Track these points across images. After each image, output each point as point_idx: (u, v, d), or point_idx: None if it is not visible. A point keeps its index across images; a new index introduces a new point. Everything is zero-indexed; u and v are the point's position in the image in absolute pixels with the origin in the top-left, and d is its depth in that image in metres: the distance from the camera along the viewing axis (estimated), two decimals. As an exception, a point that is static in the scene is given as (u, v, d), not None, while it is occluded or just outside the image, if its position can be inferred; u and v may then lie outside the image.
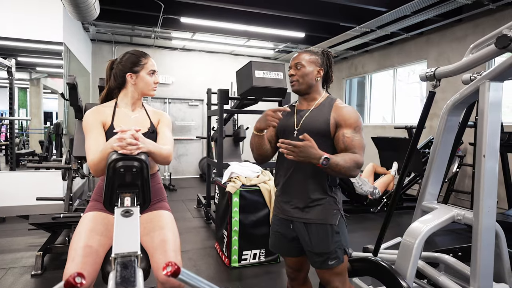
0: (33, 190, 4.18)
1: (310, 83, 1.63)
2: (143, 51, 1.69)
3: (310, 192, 1.58)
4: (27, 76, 5.58)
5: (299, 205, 1.61)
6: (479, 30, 5.25)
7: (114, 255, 0.98)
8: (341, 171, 1.44)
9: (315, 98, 1.67)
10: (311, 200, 1.58)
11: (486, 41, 1.57)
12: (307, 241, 1.58)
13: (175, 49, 8.11)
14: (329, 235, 1.56)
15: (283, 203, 1.67)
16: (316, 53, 1.66)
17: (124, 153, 1.26)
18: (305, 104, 1.69)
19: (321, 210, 1.57)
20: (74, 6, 3.96)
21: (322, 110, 1.61)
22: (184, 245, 3.50)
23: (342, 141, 1.53)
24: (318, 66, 1.64)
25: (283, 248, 1.72)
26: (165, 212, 1.65)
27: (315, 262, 1.60)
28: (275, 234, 1.73)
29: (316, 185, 1.58)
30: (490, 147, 1.50)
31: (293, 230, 1.64)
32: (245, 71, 3.45)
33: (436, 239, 3.81)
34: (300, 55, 1.65)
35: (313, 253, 1.58)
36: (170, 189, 6.61)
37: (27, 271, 2.84)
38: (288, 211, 1.64)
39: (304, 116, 1.64)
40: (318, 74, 1.64)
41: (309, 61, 1.62)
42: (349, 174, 1.48)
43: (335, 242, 1.56)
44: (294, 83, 1.65)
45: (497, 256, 1.67)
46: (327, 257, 1.55)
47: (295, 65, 1.64)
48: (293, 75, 1.64)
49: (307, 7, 5.30)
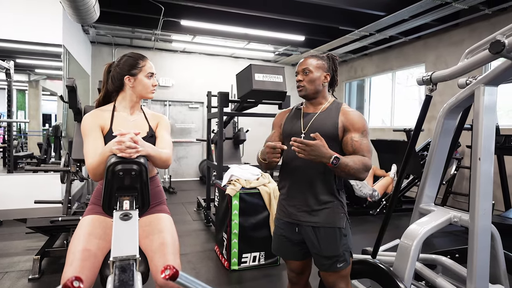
0: (31, 193, 4.18)
1: (317, 88, 1.64)
2: (141, 54, 1.68)
3: (317, 195, 1.58)
4: (26, 78, 5.59)
5: (306, 208, 1.60)
6: (476, 34, 5.31)
7: (112, 258, 0.99)
8: (350, 172, 1.44)
9: (322, 102, 1.69)
10: (319, 203, 1.58)
11: (480, 46, 1.59)
12: (316, 244, 1.58)
13: (175, 52, 8.13)
14: (337, 238, 1.57)
15: (289, 206, 1.66)
16: (322, 58, 1.67)
17: (123, 157, 1.27)
18: (312, 108, 1.70)
19: (329, 213, 1.58)
20: (74, 8, 3.97)
21: (330, 114, 1.62)
22: (184, 248, 3.51)
23: (351, 144, 1.54)
24: (325, 71, 1.65)
25: (287, 251, 1.71)
26: (164, 215, 1.65)
27: (323, 265, 1.60)
28: (279, 238, 1.72)
29: (324, 188, 1.58)
30: (485, 150, 1.52)
31: (299, 233, 1.64)
32: (245, 74, 3.46)
33: (434, 241, 3.82)
34: (307, 60, 1.66)
35: (321, 257, 1.58)
36: (170, 192, 6.61)
37: (24, 275, 2.81)
38: (295, 214, 1.63)
39: (312, 119, 1.64)
40: (325, 79, 1.65)
41: (317, 67, 1.63)
42: (357, 176, 1.48)
43: (343, 245, 1.58)
44: (302, 89, 1.65)
45: (493, 257, 1.68)
46: (336, 260, 1.56)
47: (303, 71, 1.64)
48: (301, 80, 1.65)
49: (307, 10, 5.33)
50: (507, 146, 3.79)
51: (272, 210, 3.07)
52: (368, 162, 1.50)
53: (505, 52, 1.29)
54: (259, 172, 3.35)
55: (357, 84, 8.55)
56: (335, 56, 1.72)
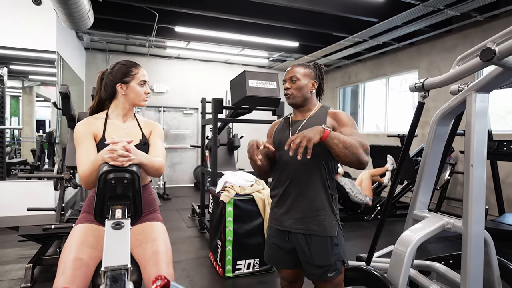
0: (24, 200, 4.12)
1: (305, 95, 1.66)
2: (133, 61, 1.68)
3: (310, 203, 1.57)
4: (19, 84, 5.54)
5: (298, 215, 1.59)
6: (468, 40, 5.37)
7: (103, 268, 0.98)
8: (346, 145, 1.37)
9: (310, 109, 1.70)
10: (311, 210, 1.57)
11: (472, 53, 1.60)
12: (307, 253, 1.57)
13: (169, 58, 8.14)
14: (329, 247, 1.55)
15: (281, 214, 1.65)
16: (309, 66, 1.70)
17: (115, 165, 1.26)
18: (300, 115, 1.71)
19: (321, 221, 1.56)
20: (68, 15, 3.96)
21: (318, 118, 1.63)
22: (178, 255, 3.48)
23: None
24: (312, 79, 1.67)
25: (279, 260, 1.71)
26: (157, 223, 1.63)
27: (313, 274, 1.58)
28: (271, 246, 1.71)
29: (316, 195, 1.57)
30: (477, 156, 1.53)
31: (290, 241, 1.63)
32: (239, 81, 3.47)
33: (429, 246, 3.82)
34: (294, 69, 1.68)
35: (312, 265, 1.57)
36: (164, 198, 6.57)
37: (16, 283, 2.78)
38: (286, 221, 1.63)
39: (300, 126, 1.65)
40: (313, 86, 1.67)
41: (304, 74, 1.65)
42: (355, 152, 1.38)
43: (335, 255, 1.56)
44: (290, 96, 1.67)
45: (487, 263, 1.69)
46: (327, 269, 1.55)
47: (290, 79, 1.66)
48: (288, 88, 1.67)
49: (300, 17, 5.37)
50: (500, 152, 3.82)
51: (266, 217, 3.05)
52: (363, 141, 1.43)
53: (495, 59, 1.30)
54: (253, 178, 3.34)
55: (351, 90, 8.61)
56: (321, 65, 1.76)
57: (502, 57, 1.29)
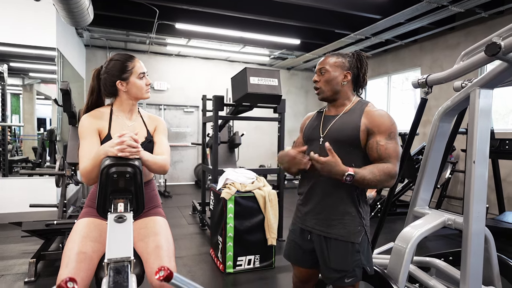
0: (26, 197, 4.15)
1: (335, 88, 1.52)
2: (127, 54, 1.63)
3: (334, 205, 1.49)
4: (20, 82, 5.54)
5: (321, 216, 1.52)
6: (471, 37, 5.34)
7: (107, 260, 0.98)
8: (370, 184, 1.36)
9: (344, 103, 1.55)
10: (335, 213, 1.49)
11: (476, 48, 1.59)
12: (325, 255, 1.50)
13: (170, 55, 8.12)
14: (348, 253, 1.46)
15: (305, 213, 1.59)
16: (344, 55, 1.55)
17: (121, 157, 1.26)
18: (333, 110, 1.58)
19: (345, 225, 1.47)
20: (68, 11, 3.95)
21: (352, 116, 1.49)
22: (179, 252, 3.49)
23: (376, 149, 1.41)
24: (344, 70, 1.52)
25: (297, 258, 1.65)
26: (159, 218, 1.64)
27: (330, 278, 1.51)
28: (291, 244, 1.67)
29: (343, 197, 1.48)
30: (480, 153, 1.53)
31: (311, 241, 1.57)
32: (240, 78, 3.47)
33: (428, 243, 3.82)
34: (325, 59, 1.55)
35: (329, 269, 1.49)
36: (165, 196, 6.58)
37: (20, 278, 2.81)
38: (309, 221, 1.56)
39: (331, 123, 1.53)
40: (345, 78, 1.52)
41: (334, 65, 1.52)
42: (381, 186, 1.40)
43: (355, 261, 1.46)
44: (319, 91, 1.56)
45: (486, 260, 1.69)
46: (344, 274, 1.46)
47: (319, 70, 1.55)
48: (316, 81, 1.56)
49: (302, 14, 5.35)
50: (501, 150, 3.82)
51: (267, 214, 3.07)
52: (391, 170, 1.38)
53: (501, 54, 1.28)
54: (254, 175, 3.35)
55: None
56: (363, 53, 1.57)
57: (508, 51, 1.28)
